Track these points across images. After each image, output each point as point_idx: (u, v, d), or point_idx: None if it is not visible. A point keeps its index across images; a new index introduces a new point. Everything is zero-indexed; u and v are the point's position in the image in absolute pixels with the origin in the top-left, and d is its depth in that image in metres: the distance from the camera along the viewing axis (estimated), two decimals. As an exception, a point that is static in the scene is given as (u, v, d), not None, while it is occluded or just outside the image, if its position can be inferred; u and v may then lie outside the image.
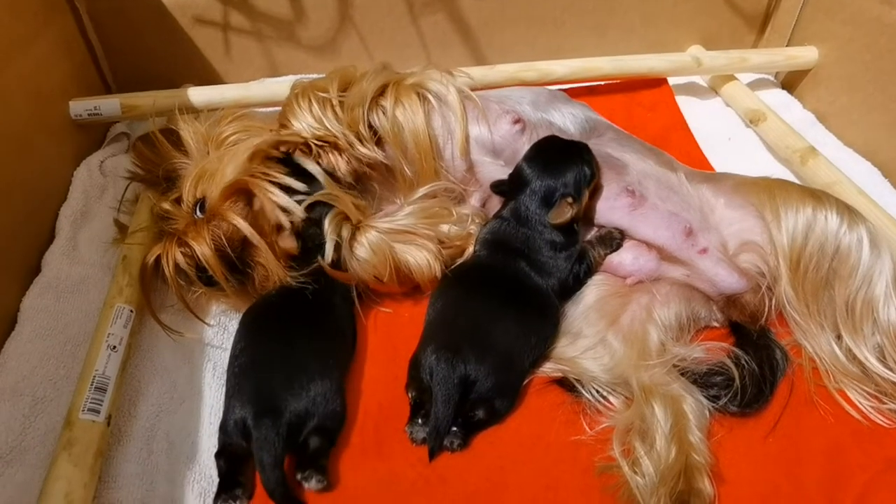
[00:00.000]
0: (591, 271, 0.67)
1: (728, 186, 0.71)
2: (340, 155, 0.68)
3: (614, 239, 0.68)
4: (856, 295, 0.62)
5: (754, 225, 0.67)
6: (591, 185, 0.67)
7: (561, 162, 0.66)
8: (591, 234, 0.69)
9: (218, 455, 0.54)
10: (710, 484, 0.53)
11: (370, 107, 0.68)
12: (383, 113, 0.69)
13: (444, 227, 0.69)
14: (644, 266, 0.67)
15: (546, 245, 0.65)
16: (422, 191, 0.70)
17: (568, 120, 0.75)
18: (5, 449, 0.55)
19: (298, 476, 0.53)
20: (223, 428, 0.55)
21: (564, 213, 0.65)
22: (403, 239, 0.66)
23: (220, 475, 0.54)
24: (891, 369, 0.60)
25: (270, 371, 0.56)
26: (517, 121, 0.72)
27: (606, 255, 0.68)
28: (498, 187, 0.71)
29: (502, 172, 0.71)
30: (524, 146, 0.71)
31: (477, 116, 0.72)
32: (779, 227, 0.65)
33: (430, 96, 0.71)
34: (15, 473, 0.54)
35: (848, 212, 0.65)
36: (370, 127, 0.69)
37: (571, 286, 0.66)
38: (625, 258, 0.68)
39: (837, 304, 0.63)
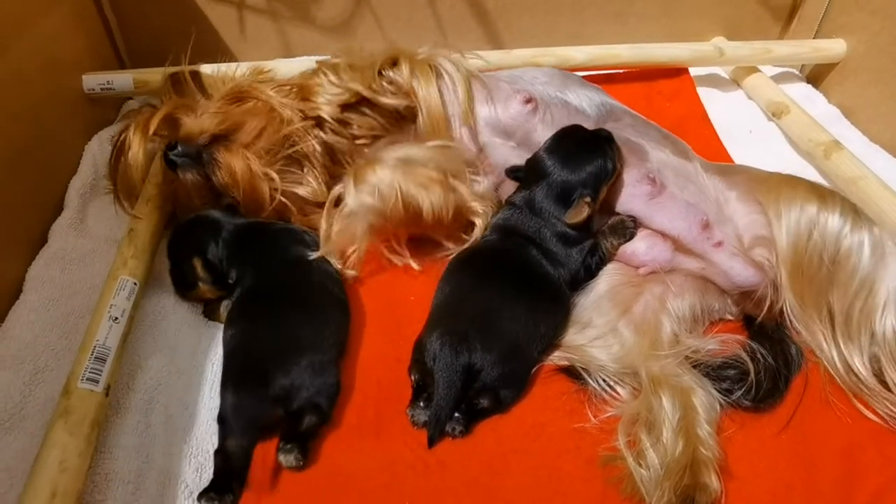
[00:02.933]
0: (602, 262, 0.65)
1: (740, 180, 0.68)
2: (372, 109, 0.68)
3: (627, 228, 0.66)
4: (853, 302, 0.60)
5: (764, 221, 0.65)
6: (611, 180, 0.65)
7: (583, 157, 0.64)
8: (605, 224, 0.67)
9: (217, 452, 0.52)
10: (717, 479, 0.51)
11: (385, 67, 0.69)
12: (399, 77, 0.69)
13: (457, 182, 0.67)
14: (658, 256, 0.65)
15: (557, 237, 0.64)
16: (441, 141, 0.69)
17: (584, 102, 0.73)
18: (4, 416, 0.55)
19: (280, 447, 0.52)
20: (219, 418, 0.53)
21: (582, 213, 0.63)
22: (413, 171, 0.65)
23: (214, 472, 0.51)
24: (886, 385, 0.57)
25: (259, 349, 0.56)
26: (529, 100, 0.70)
27: (619, 245, 0.65)
28: (513, 172, 0.69)
29: (515, 154, 0.70)
30: (537, 126, 0.69)
31: (486, 97, 0.71)
32: (780, 228, 0.63)
33: (442, 71, 0.70)
34: (13, 441, 0.54)
35: (853, 214, 0.62)
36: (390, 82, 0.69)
37: (583, 278, 0.64)
38: (638, 248, 0.65)
39: (835, 311, 0.60)
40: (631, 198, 0.67)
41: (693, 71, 0.99)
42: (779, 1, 1.02)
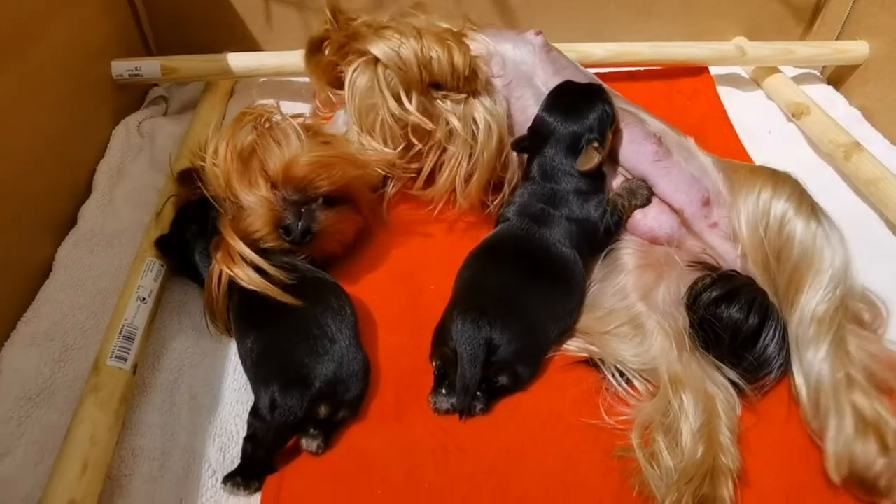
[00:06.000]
0: (621, 223, 0.66)
1: (724, 167, 0.69)
2: None
3: (644, 192, 0.67)
4: (784, 293, 0.59)
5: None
6: (613, 125, 0.66)
7: (582, 105, 0.65)
8: (620, 186, 0.68)
9: (247, 439, 0.52)
10: (734, 490, 0.51)
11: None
12: None
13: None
14: (664, 223, 0.66)
15: (573, 194, 0.64)
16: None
17: (585, 70, 0.77)
18: (35, 391, 0.56)
19: (305, 431, 0.53)
20: (254, 412, 0.52)
21: (592, 158, 0.63)
22: (431, 28, 0.68)
23: (242, 458, 0.52)
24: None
25: (292, 345, 0.55)
26: (539, 33, 0.74)
27: (636, 207, 0.66)
28: (519, 144, 0.69)
29: (522, 66, 0.72)
30: (541, 63, 0.72)
31: (498, 31, 0.75)
32: (738, 217, 0.64)
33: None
34: (43, 415, 0.55)
35: (797, 201, 0.61)
36: None
37: (602, 239, 0.65)
38: (648, 212, 0.66)
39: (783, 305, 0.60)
40: (637, 155, 0.67)
41: (713, 70, 1.00)
42: (801, 2, 1.02)
